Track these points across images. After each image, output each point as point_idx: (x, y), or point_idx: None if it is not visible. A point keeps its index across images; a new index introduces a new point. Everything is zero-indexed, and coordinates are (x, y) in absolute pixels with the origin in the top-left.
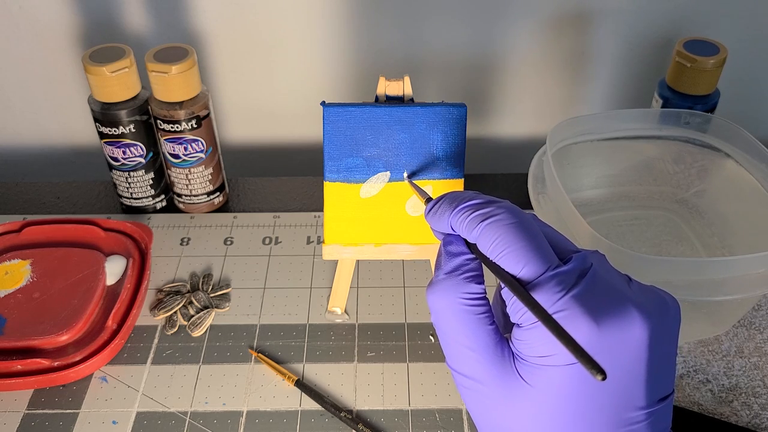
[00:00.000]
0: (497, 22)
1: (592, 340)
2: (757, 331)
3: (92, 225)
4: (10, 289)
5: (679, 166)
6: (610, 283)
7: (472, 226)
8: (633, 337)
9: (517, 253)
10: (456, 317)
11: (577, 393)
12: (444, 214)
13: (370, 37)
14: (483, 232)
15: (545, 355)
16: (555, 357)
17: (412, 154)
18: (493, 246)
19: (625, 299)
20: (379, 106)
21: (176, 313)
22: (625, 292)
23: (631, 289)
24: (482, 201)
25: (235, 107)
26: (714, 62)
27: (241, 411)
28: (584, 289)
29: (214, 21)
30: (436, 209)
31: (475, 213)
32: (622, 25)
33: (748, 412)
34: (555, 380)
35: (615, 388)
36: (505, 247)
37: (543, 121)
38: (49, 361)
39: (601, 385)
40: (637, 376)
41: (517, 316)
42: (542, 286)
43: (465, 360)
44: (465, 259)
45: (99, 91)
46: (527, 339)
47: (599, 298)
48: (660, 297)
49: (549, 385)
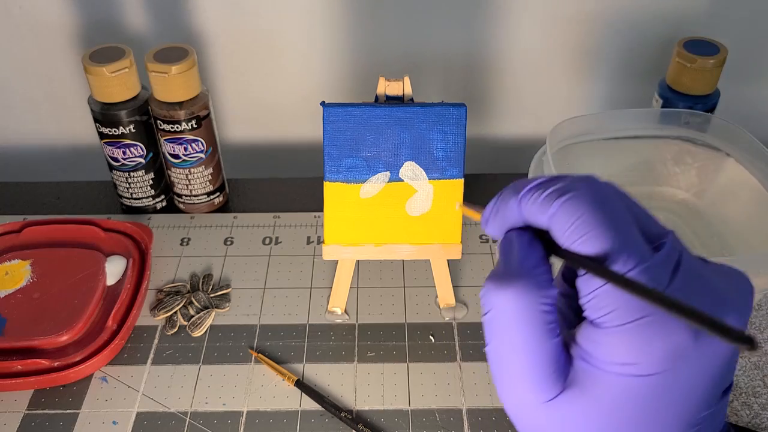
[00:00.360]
0: (497, 22)
1: (685, 353)
2: (757, 331)
3: (92, 225)
4: (10, 290)
5: (679, 166)
6: (703, 278)
7: (547, 204)
8: (727, 347)
9: (601, 239)
10: (528, 324)
11: (643, 405)
12: (509, 201)
13: (370, 37)
14: (561, 210)
15: (629, 362)
16: (639, 366)
17: (412, 154)
18: (573, 228)
19: (723, 304)
20: (379, 106)
21: (176, 313)
22: (720, 293)
23: (715, 275)
24: (553, 177)
25: (235, 107)
26: (714, 62)
27: (241, 411)
28: (681, 286)
29: (214, 21)
30: (496, 202)
31: (548, 190)
32: (622, 25)
33: (748, 412)
34: (621, 389)
35: (687, 397)
36: (588, 230)
37: (543, 121)
38: (49, 361)
39: (672, 396)
40: (712, 379)
41: (600, 313)
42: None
43: (522, 373)
44: (539, 256)
45: (99, 91)
46: (611, 342)
47: (695, 298)
48: (743, 285)
49: (612, 394)
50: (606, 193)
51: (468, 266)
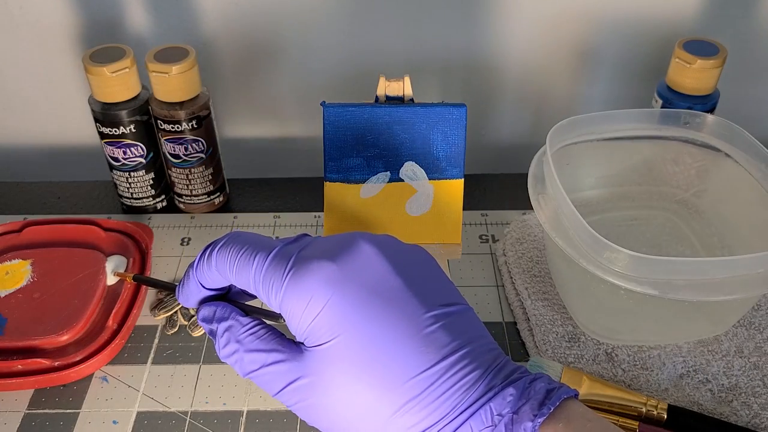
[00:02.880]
0: (497, 22)
1: (334, 276)
2: (757, 331)
3: (93, 225)
4: (11, 289)
5: (679, 166)
6: (333, 241)
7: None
8: (370, 261)
9: (245, 255)
10: (253, 348)
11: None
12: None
13: (370, 37)
14: (215, 260)
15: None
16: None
17: (413, 155)
18: (229, 264)
19: (350, 237)
20: (379, 106)
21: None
22: (351, 238)
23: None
24: (206, 248)
25: (235, 107)
26: (714, 62)
27: (242, 411)
28: (312, 247)
29: (214, 21)
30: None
31: (200, 260)
32: (622, 25)
33: (747, 412)
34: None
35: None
36: (234, 259)
37: (543, 121)
38: (49, 361)
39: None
40: (398, 294)
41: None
42: (273, 261)
43: (275, 376)
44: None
45: (99, 91)
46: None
47: (326, 248)
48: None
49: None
50: (234, 233)
51: (468, 266)
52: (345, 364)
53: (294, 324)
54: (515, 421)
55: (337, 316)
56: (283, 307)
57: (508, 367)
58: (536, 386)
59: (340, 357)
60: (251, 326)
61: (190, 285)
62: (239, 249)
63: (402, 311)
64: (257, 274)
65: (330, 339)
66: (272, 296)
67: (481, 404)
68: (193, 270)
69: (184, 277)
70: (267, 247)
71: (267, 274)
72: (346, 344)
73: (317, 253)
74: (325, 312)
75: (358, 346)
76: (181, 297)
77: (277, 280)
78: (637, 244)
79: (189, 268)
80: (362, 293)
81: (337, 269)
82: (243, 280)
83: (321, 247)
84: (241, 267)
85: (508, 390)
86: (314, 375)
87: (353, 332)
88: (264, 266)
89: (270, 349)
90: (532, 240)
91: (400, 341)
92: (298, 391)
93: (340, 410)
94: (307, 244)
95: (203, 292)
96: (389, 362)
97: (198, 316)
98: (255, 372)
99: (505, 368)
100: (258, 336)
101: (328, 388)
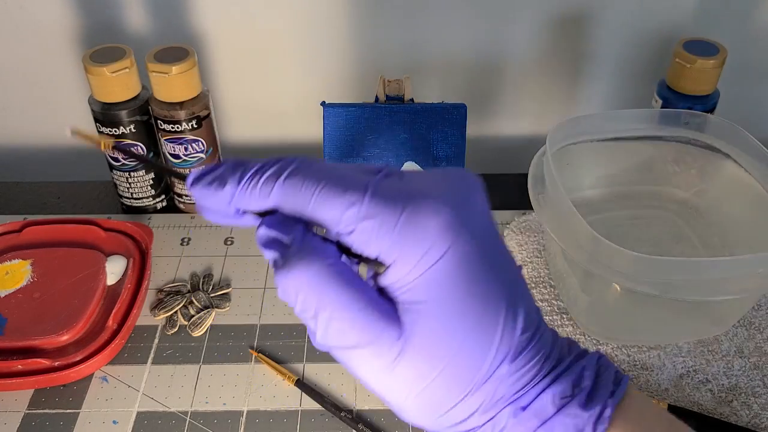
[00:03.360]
0: (497, 22)
1: (454, 223)
2: (757, 331)
3: (93, 225)
4: (11, 289)
5: (679, 166)
6: (404, 177)
7: (269, 186)
8: (482, 212)
9: (330, 188)
10: (330, 284)
11: (467, 275)
12: (223, 190)
13: (370, 37)
14: (287, 184)
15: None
16: (432, 252)
17: (413, 154)
18: (305, 190)
19: (461, 178)
20: (379, 106)
21: (176, 313)
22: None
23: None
24: (262, 163)
25: (235, 107)
26: (714, 62)
27: (242, 411)
28: (417, 182)
29: (214, 21)
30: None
31: (267, 173)
32: (622, 25)
33: (747, 412)
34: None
35: (490, 251)
36: (313, 192)
37: (543, 121)
38: (49, 361)
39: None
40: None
41: (368, 247)
42: (375, 198)
43: (347, 329)
44: (298, 227)
45: (99, 91)
46: (392, 257)
47: (438, 188)
48: (459, 178)
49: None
50: (314, 161)
51: None
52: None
53: (399, 273)
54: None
55: (449, 271)
56: (392, 252)
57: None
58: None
59: (437, 319)
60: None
61: (219, 199)
62: (318, 181)
63: (502, 282)
64: (354, 210)
65: (431, 298)
66: (375, 238)
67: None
68: (235, 189)
69: (209, 186)
70: (358, 181)
71: (370, 211)
72: (449, 306)
73: (431, 191)
74: (440, 265)
75: (459, 312)
76: (209, 211)
77: (388, 221)
78: (637, 244)
79: (219, 185)
80: (475, 250)
81: (455, 216)
82: (325, 216)
83: (429, 183)
84: (326, 202)
85: (581, 363)
86: (407, 343)
87: (458, 294)
88: (364, 203)
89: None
90: (532, 240)
91: (495, 314)
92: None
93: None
94: (407, 179)
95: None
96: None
97: (263, 234)
98: (342, 350)
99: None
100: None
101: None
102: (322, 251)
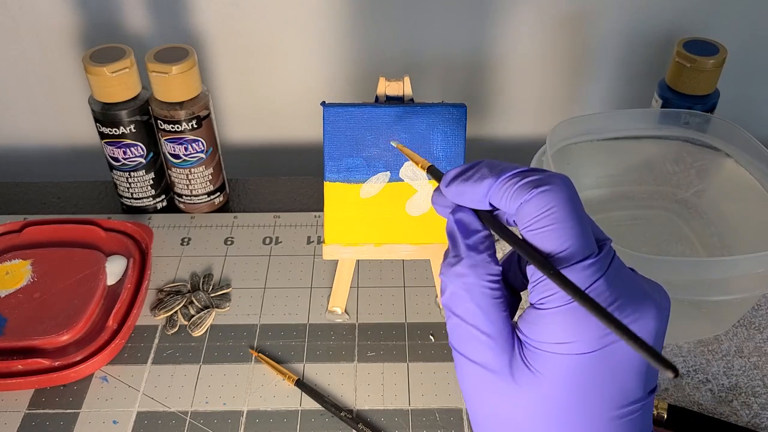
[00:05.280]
0: (497, 22)
1: (616, 337)
2: (757, 331)
3: (93, 225)
4: (11, 289)
5: (679, 166)
6: (629, 274)
7: (523, 192)
8: (648, 329)
9: (569, 232)
10: (475, 300)
11: (587, 382)
12: (484, 180)
13: (370, 37)
14: (534, 200)
15: (564, 341)
16: (573, 344)
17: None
18: (541, 217)
19: (645, 292)
20: (379, 106)
21: (177, 312)
22: (643, 285)
23: (642, 280)
24: (528, 168)
25: (235, 107)
26: (714, 62)
27: (242, 411)
28: (614, 276)
29: (214, 21)
30: (470, 175)
31: (526, 179)
32: (622, 25)
33: (747, 412)
34: (566, 369)
35: (622, 378)
36: (555, 222)
37: (543, 121)
38: (49, 360)
39: (611, 375)
40: (638, 369)
41: (539, 298)
42: (582, 271)
43: (476, 345)
44: (483, 235)
45: (99, 91)
46: (547, 324)
47: (623, 287)
48: (660, 289)
49: (557, 374)
50: (575, 193)
51: None
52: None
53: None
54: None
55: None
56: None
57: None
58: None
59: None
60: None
61: (477, 191)
62: (557, 218)
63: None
64: (589, 268)
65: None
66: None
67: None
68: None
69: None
70: (589, 245)
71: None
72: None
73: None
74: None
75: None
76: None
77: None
78: (637, 244)
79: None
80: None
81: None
82: (545, 245)
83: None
84: (559, 239)
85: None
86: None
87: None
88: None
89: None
90: None
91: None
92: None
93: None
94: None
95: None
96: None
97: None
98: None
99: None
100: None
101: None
102: (487, 268)
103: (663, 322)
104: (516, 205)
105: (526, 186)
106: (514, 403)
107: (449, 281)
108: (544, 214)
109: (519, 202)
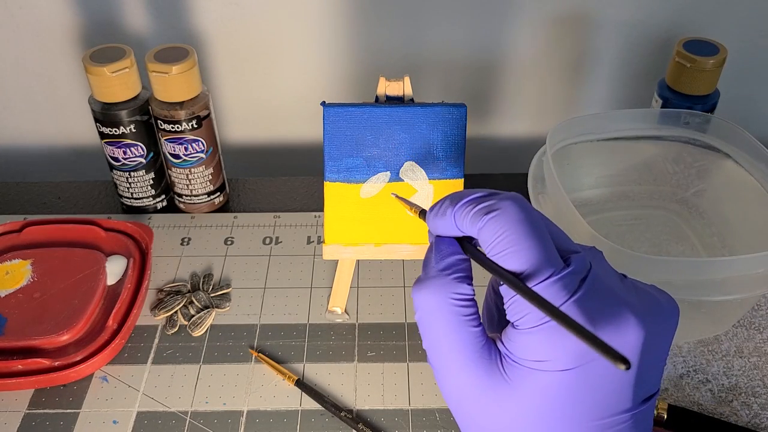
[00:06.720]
0: (497, 22)
1: (594, 354)
2: (757, 331)
3: (93, 225)
4: (11, 289)
5: (679, 166)
6: (608, 286)
7: (476, 219)
8: (627, 341)
9: (522, 253)
10: (443, 317)
11: (565, 397)
12: (447, 212)
13: (370, 37)
14: (487, 226)
15: (541, 359)
16: (550, 362)
17: (412, 155)
18: (496, 242)
19: (621, 303)
20: (379, 106)
21: (177, 312)
22: (621, 296)
23: (625, 288)
24: (485, 194)
25: (235, 107)
26: (714, 62)
27: (242, 411)
28: (584, 293)
29: (214, 21)
30: (438, 209)
31: (478, 206)
32: (622, 25)
33: (747, 412)
34: (544, 384)
35: (604, 392)
36: (509, 246)
37: (543, 121)
38: (49, 360)
39: (591, 390)
40: (626, 380)
41: (516, 317)
42: (546, 290)
43: (449, 361)
44: (457, 258)
45: (99, 91)
46: (524, 342)
47: (597, 301)
48: (654, 298)
49: (537, 389)
50: (530, 213)
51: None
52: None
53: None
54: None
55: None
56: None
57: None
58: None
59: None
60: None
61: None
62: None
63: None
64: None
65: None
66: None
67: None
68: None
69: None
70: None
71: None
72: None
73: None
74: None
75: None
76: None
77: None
78: (637, 244)
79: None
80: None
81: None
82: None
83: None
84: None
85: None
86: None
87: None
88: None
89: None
90: None
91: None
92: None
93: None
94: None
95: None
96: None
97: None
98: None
99: None
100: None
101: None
102: (456, 287)
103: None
104: (475, 232)
105: (478, 213)
106: (495, 415)
107: (420, 298)
108: (498, 240)
109: (476, 229)
